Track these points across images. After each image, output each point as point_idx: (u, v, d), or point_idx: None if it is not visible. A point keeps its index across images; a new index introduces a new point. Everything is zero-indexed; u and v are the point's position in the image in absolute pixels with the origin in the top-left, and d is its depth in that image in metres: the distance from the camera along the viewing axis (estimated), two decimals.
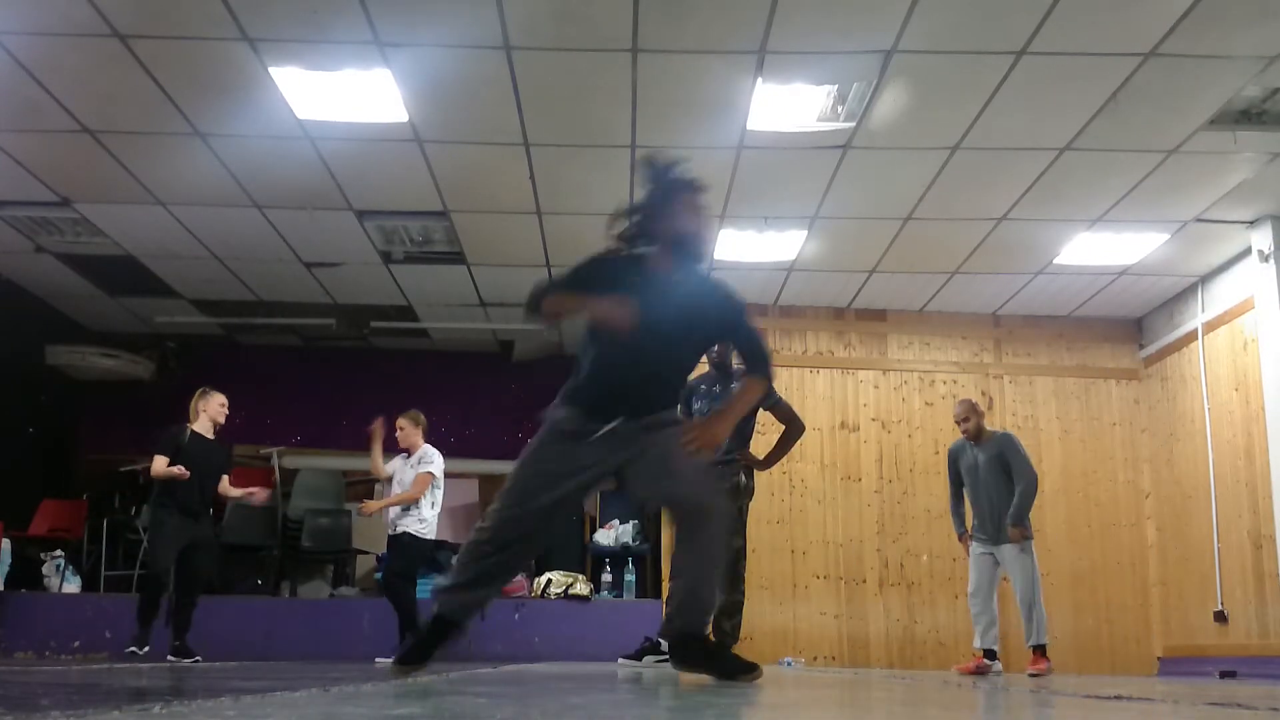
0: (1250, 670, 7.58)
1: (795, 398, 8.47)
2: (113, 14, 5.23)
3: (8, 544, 8.53)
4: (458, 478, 10.75)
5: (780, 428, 5.89)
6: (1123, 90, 5.84)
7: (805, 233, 7.86)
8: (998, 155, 6.66)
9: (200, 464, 6.82)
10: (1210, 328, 8.52)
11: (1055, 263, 8.35)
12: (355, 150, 6.70)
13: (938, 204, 7.32)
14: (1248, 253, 7.83)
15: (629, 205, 3.71)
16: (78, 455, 10.53)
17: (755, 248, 8.14)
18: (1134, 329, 9.60)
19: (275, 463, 10.15)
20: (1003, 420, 9.15)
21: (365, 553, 9.71)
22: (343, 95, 5.99)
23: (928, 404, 9.42)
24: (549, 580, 8.84)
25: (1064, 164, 6.72)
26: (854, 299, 9.28)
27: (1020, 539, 6.59)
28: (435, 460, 7.32)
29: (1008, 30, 5.33)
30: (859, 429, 9.31)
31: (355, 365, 10.91)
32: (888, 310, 9.54)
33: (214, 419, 7.03)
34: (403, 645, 3.84)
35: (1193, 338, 8.74)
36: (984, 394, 9.38)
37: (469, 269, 8.76)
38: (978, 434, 6.81)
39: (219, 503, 7.45)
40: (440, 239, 8.17)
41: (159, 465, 6.72)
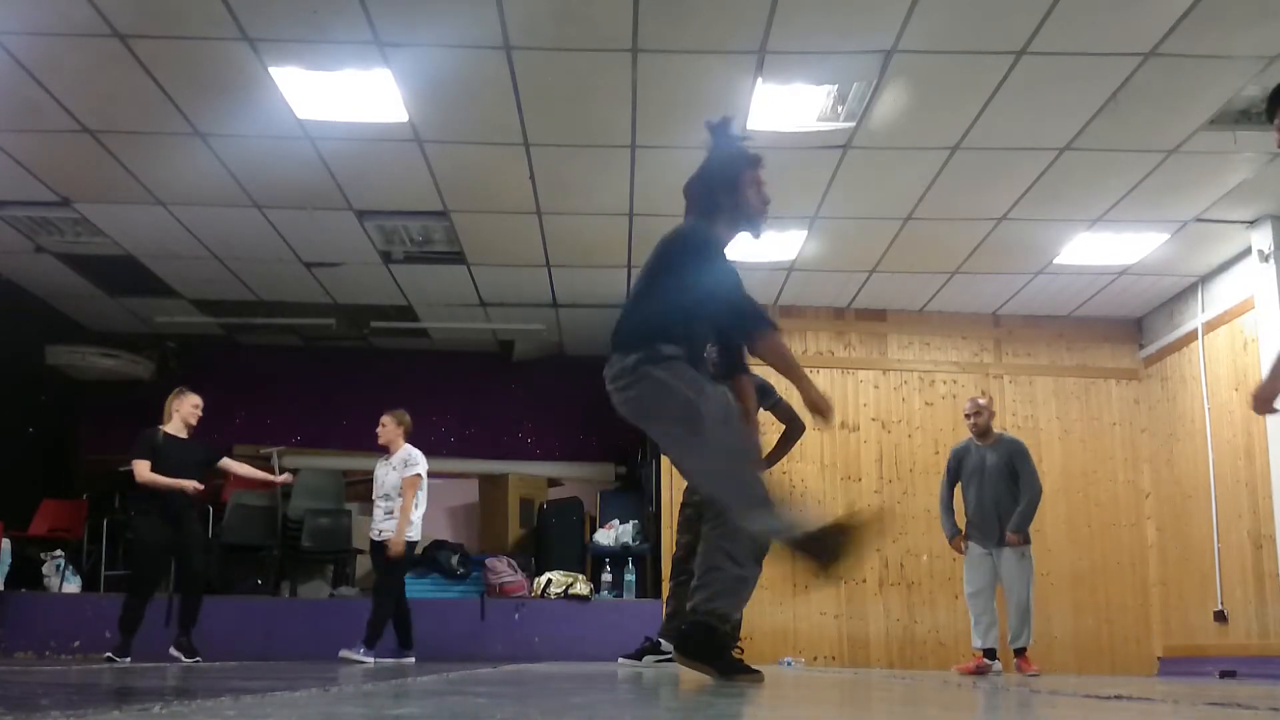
0: (1250, 670, 7.58)
1: (795, 397, 8.45)
2: (113, 14, 5.23)
3: (8, 544, 8.53)
4: (458, 478, 10.77)
5: (780, 427, 5.89)
6: (1123, 90, 5.84)
7: (805, 233, 7.85)
8: (998, 155, 6.65)
9: (177, 465, 6.79)
10: (1210, 328, 8.52)
11: (1055, 263, 8.35)
12: (355, 150, 6.70)
13: (938, 204, 7.32)
14: (1248, 253, 7.83)
15: (692, 181, 3.68)
16: (78, 455, 10.53)
17: (755, 247, 8.10)
18: (1134, 329, 9.60)
19: (275, 463, 10.15)
20: (1003, 420, 9.13)
21: (365, 552, 9.69)
22: (343, 95, 5.99)
23: (928, 404, 9.42)
24: (549, 580, 8.82)
25: (1064, 164, 6.72)
26: (854, 299, 9.28)
27: (1017, 544, 6.67)
28: (420, 462, 7.28)
29: (1008, 30, 5.33)
30: (859, 429, 9.31)
31: (355, 365, 10.90)
32: (888, 310, 9.53)
33: (186, 420, 6.96)
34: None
35: (1193, 338, 8.74)
36: (984, 394, 9.37)
37: (469, 269, 8.75)
38: (984, 432, 6.87)
39: (221, 500, 7.46)
40: (440, 239, 8.16)
41: (142, 471, 6.70)
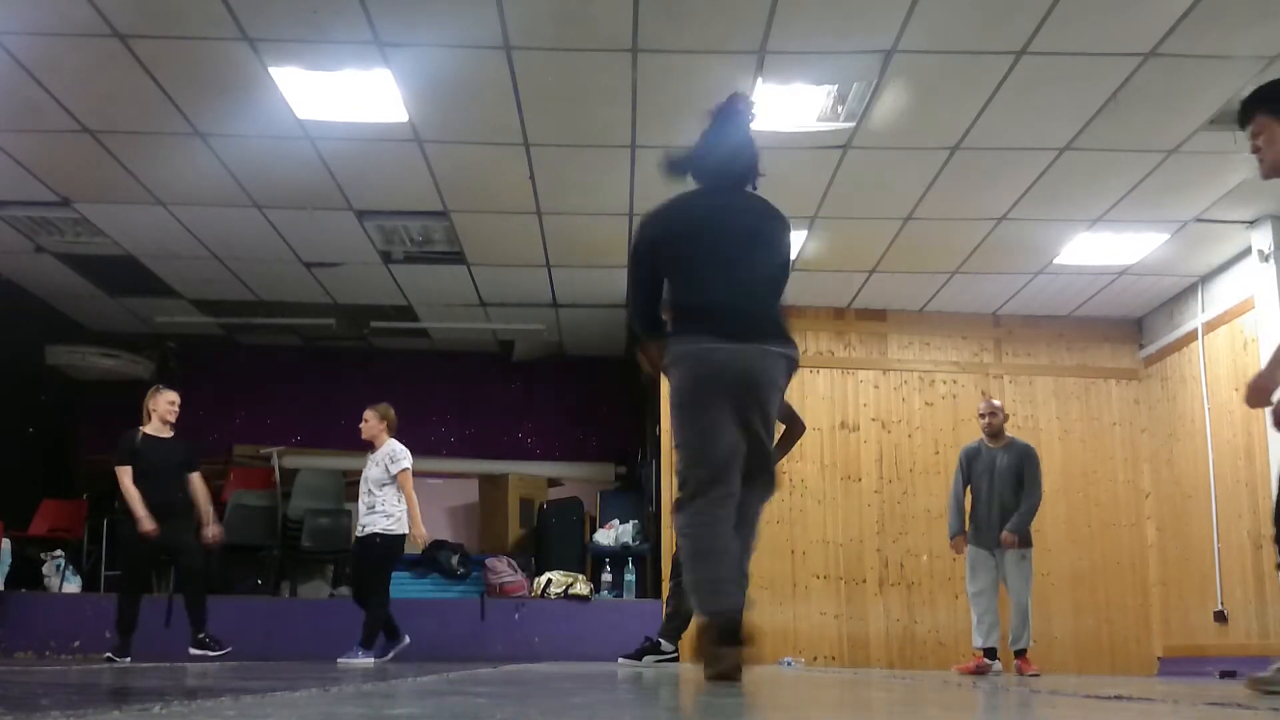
0: (1250, 670, 7.56)
1: (795, 398, 8.44)
2: (113, 14, 5.23)
3: (8, 544, 8.53)
4: (458, 478, 10.78)
5: (780, 427, 5.89)
6: (1123, 90, 5.84)
7: (805, 233, 7.85)
8: (998, 155, 6.65)
9: (159, 466, 6.78)
10: (1210, 328, 8.52)
11: (1055, 263, 8.35)
12: (355, 150, 6.70)
13: (938, 204, 7.32)
14: (1248, 253, 7.82)
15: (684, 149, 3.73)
16: (78, 455, 10.53)
17: None
18: (1134, 329, 9.60)
19: (275, 463, 10.15)
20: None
21: None
22: (343, 95, 5.99)
23: (928, 404, 9.42)
24: (549, 580, 8.82)
25: (1064, 164, 6.72)
26: (854, 299, 9.28)
27: (1013, 545, 6.75)
28: (406, 456, 7.25)
29: (1008, 30, 5.33)
30: (859, 429, 9.31)
31: (355, 365, 10.91)
32: (888, 310, 9.53)
33: (163, 418, 6.94)
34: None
35: (1193, 338, 8.73)
36: (984, 394, 9.38)
37: (469, 269, 8.76)
38: (997, 434, 7.01)
39: (221, 500, 7.44)
40: (440, 239, 8.16)
41: (123, 479, 6.72)
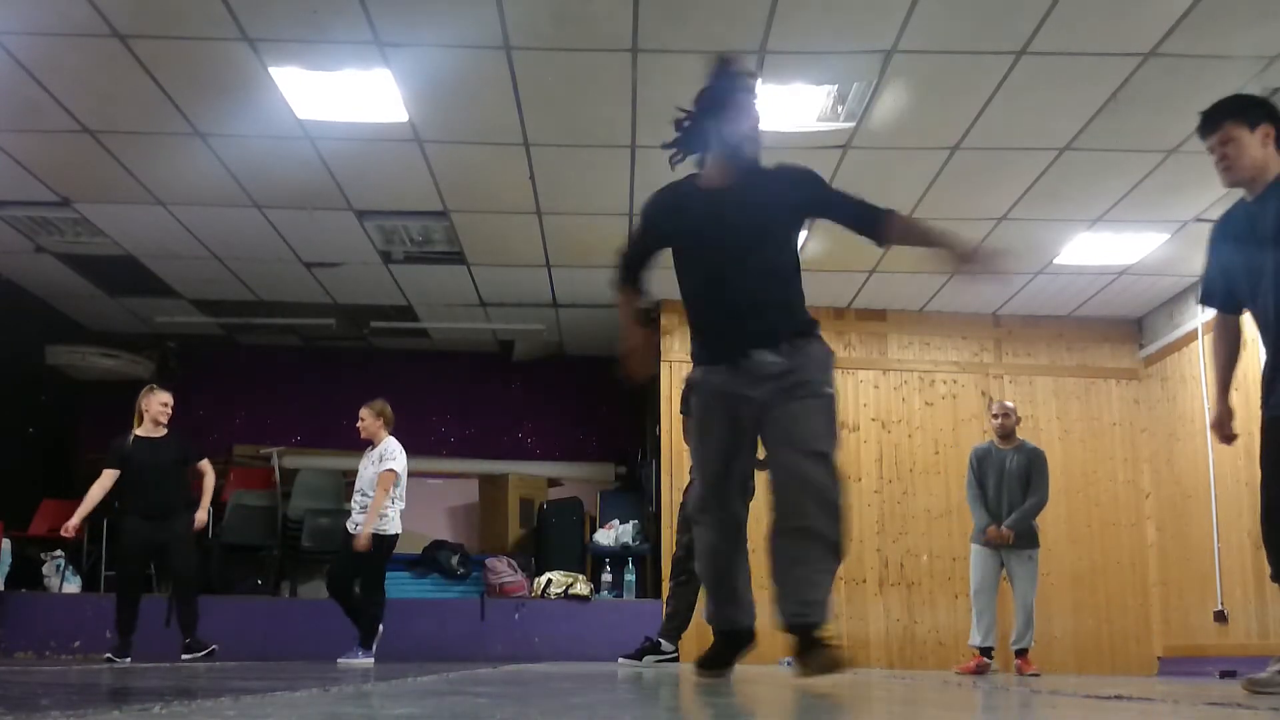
0: (1250, 670, 7.56)
1: None
2: (113, 14, 5.23)
3: (8, 544, 8.53)
4: (458, 478, 10.77)
5: None
6: (1123, 90, 5.84)
7: (805, 232, 7.85)
8: (998, 155, 6.65)
9: (148, 467, 6.76)
10: (1210, 328, 8.46)
11: (1055, 263, 8.35)
12: (355, 150, 6.70)
13: (938, 204, 7.32)
14: None
15: (681, 114, 3.56)
16: (78, 455, 10.52)
17: None
18: (1134, 329, 9.60)
19: (275, 463, 10.15)
20: None
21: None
22: (343, 95, 5.99)
23: (928, 404, 9.42)
24: (549, 580, 8.82)
25: (1064, 164, 6.72)
26: (854, 299, 9.27)
27: (1005, 540, 6.86)
28: (398, 456, 7.16)
29: (1008, 30, 5.33)
30: (859, 429, 9.30)
31: (355, 365, 10.90)
32: (888, 310, 9.53)
33: (155, 418, 6.91)
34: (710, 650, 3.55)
35: (1193, 338, 8.73)
36: (984, 394, 9.38)
37: (469, 269, 8.75)
38: (1008, 435, 7.09)
39: (221, 500, 7.45)
40: (440, 239, 8.16)
41: (98, 481, 6.75)
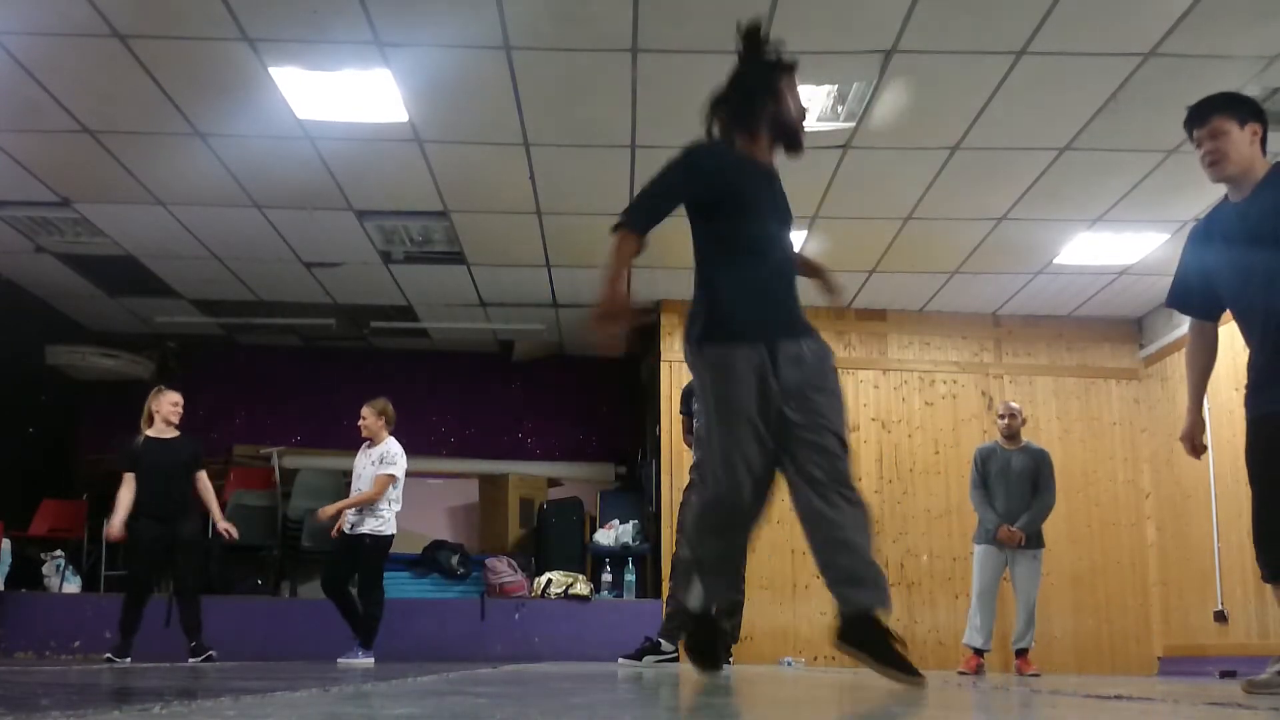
0: (1250, 670, 7.54)
1: None
2: (113, 14, 5.23)
3: (8, 544, 8.53)
4: (458, 478, 10.77)
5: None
6: (1123, 90, 5.84)
7: (805, 233, 7.85)
8: (998, 155, 6.65)
9: (160, 468, 6.78)
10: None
11: (1055, 263, 8.35)
12: (355, 150, 6.70)
13: (938, 204, 7.32)
14: None
15: (723, 89, 3.33)
16: (78, 455, 10.52)
17: None
18: (1134, 329, 9.60)
19: (275, 463, 10.15)
20: None
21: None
22: (343, 95, 5.99)
23: (928, 404, 9.42)
24: (549, 580, 8.82)
25: (1064, 164, 6.72)
26: (854, 299, 9.27)
27: (1016, 542, 6.87)
28: (398, 460, 7.14)
29: (1008, 30, 5.33)
30: (859, 429, 9.29)
31: (355, 365, 10.90)
32: (888, 310, 9.53)
33: (166, 419, 6.93)
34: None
35: None
36: (984, 394, 9.39)
37: (469, 269, 8.75)
38: (1014, 436, 7.13)
39: (221, 500, 7.45)
40: (440, 239, 8.16)
41: (122, 488, 6.78)
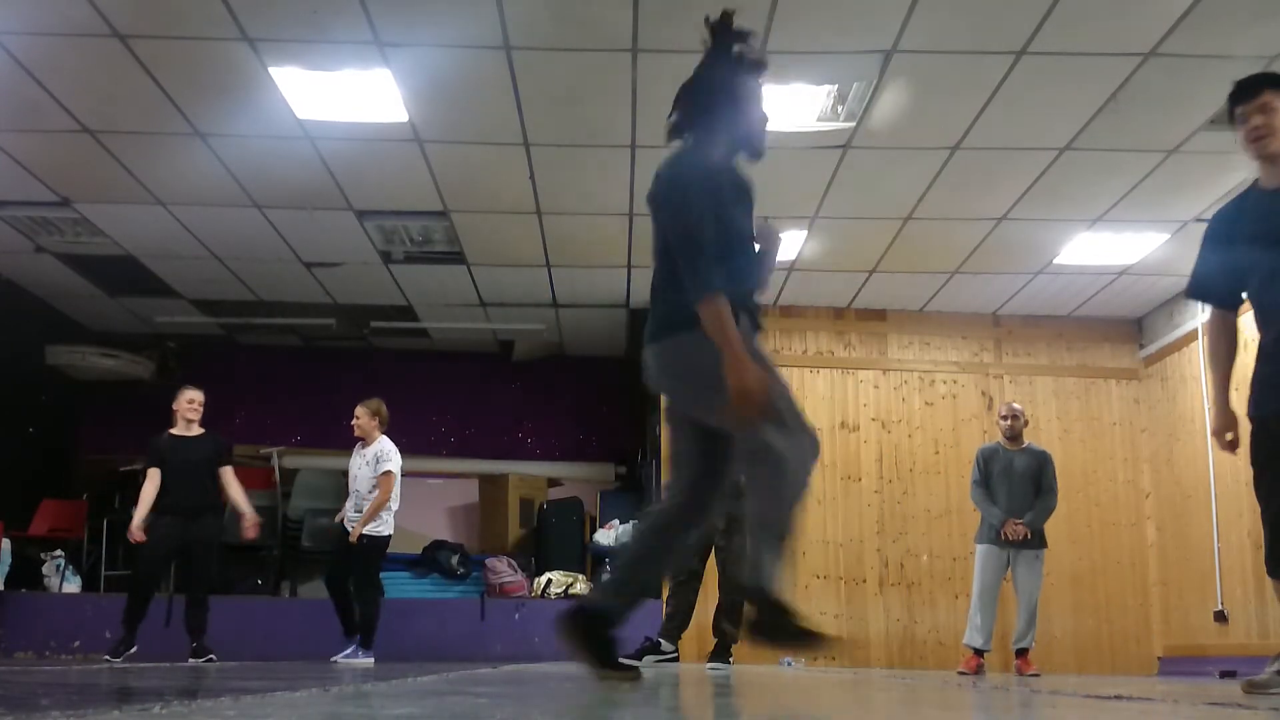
0: (1250, 670, 7.53)
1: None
2: (113, 14, 5.23)
3: (8, 544, 8.53)
4: (458, 478, 10.78)
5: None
6: (1123, 90, 5.84)
7: (805, 233, 7.85)
8: (998, 155, 6.65)
9: (181, 465, 6.85)
10: (1207, 327, 8.49)
11: (1055, 263, 8.35)
12: (355, 150, 6.70)
13: (938, 204, 7.32)
14: None
15: (688, 86, 3.14)
16: (78, 455, 10.53)
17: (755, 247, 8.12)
18: (1134, 329, 9.60)
19: (275, 463, 10.15)
20: None
21: None
22: (343, 95, 5.99)
23: (928, 404, 9.42)
24: (549, 580, 8.83)
25: (1064, 164, 6.72)
26: (854, 299, 9.28)
27: (1021, 536, 6.88)
28: (394, 458, 7.22)
29: (1008, 30, 5.33)
30: (859, 429, 9.30)
31: (355, 365, 10.90)
32: (888, 310, 9.53)
33: (185, 417, 7.01)
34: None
35: (1193, 338, 8.72)
36: (984, 394, 9.39)
37: (469, 269, 8.75)
38: (1016, 437, 7.14)
39: (221, 500, 7.48)
40: (440, 239, 8.16)
41: (146, 485, 6.88)
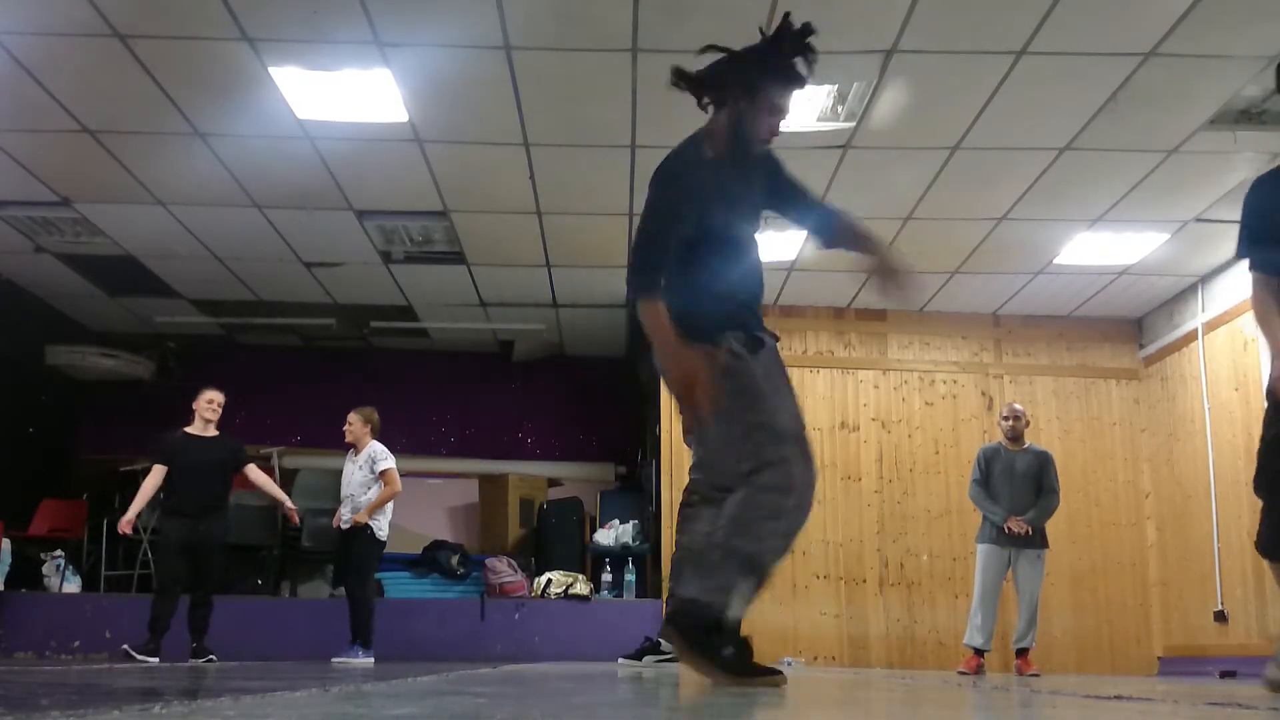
0: (1250, 670, 7.56)
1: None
2: (113, 14, 5.23)
3: (8, 544, 8.53)
4: (458, 478, 10.78)
5: None
6: (1123, 90, 5.84)
7: (805, 232, 7.84)
8: (998, 155, 6.65)
9: (194, 464, 6.87)
10: (1210, 328, 8.51)
11: (1055, 263, 8.35)
12: (355, 150, 6.70)
13: (938, 204, 7.32)
14: None
15: (721, 63, 3.10)
16: (78, 455, 10.53)
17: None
18: (1134, 329, 9.60)
19: (275, 463, 10.15)
20: None
21: None
22: (343, 95, 5.99)
23: (928, 404, 9.41)
24: (549, 580, 8.83)
25: (1064, 164, 6.72)
26: (854, 299, 9.27)
27: (1023, 531, 6.93)
28: (389, 456, 7.35)
29: (1008, 30, 5.33)
30: (859, 429, 9.30)
31: (355, 365, 10.91)
32: (888, 310, 9.53)
33: (203, 416, 7.08)
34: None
35: (1193, 338, 8.73)
36: (984, 394, 9.38)
37: (469, 269, 8.75)
38: (1017, 437, 7.18)
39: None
40: (440, 239, 8.16)
41: (148, 478, 6.90)
